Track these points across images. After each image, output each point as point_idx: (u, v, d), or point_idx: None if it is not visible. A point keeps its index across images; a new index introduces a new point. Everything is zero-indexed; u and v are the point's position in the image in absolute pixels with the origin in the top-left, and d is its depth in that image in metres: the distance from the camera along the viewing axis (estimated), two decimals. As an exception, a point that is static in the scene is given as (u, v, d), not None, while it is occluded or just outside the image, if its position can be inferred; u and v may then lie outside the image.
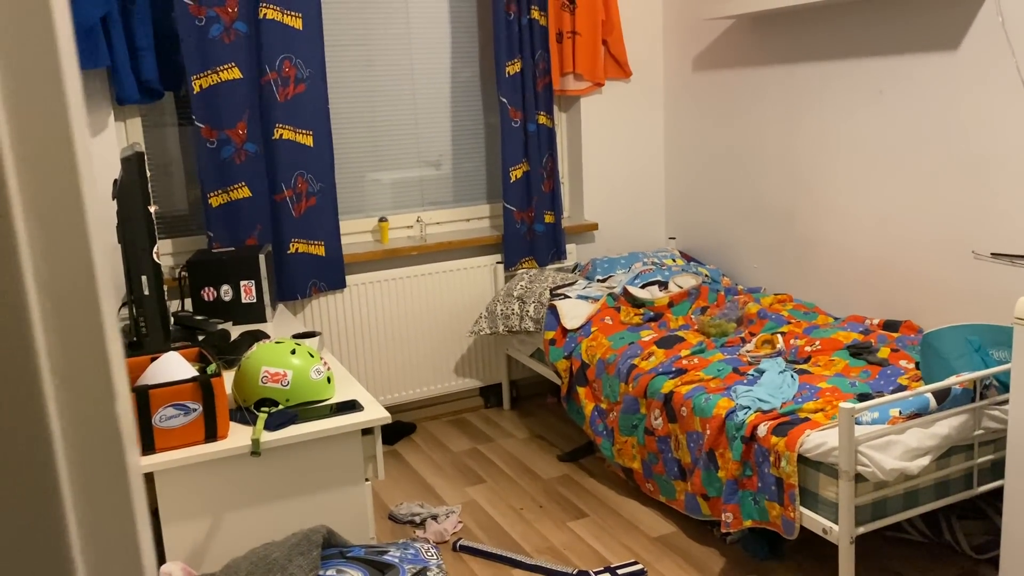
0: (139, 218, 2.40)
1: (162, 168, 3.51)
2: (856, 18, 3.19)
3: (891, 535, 2.75)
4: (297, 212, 3.46)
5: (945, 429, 2.30)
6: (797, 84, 3.49)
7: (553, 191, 3.98)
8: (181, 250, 3.55)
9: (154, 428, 1.96)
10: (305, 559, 1.55)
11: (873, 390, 2.58)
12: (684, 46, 4.07)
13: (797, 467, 2.31)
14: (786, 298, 3.52)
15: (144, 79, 3.13)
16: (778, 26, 3.53)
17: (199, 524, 2.01)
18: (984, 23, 2.74)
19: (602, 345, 3.20)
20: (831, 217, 3.42)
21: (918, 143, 3.02)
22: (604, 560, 2.73)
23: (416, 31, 3.85)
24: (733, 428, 2.51)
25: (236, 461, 2.02)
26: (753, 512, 2.45)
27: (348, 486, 2.13)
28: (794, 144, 3.55)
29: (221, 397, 2.01)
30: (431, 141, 3.97)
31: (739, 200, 3.88)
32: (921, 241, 3.06)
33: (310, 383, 2.18)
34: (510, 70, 3.79)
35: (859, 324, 3.12)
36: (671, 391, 2.78)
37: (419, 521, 3.00)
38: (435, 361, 3.91)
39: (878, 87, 3.14)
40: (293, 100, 3.38)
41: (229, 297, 2.97)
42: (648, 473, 2.94)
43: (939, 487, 2.38)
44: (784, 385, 2.66)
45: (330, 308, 3.65)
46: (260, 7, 3.26)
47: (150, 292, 2.44)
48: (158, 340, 2.49)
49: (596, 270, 3.87)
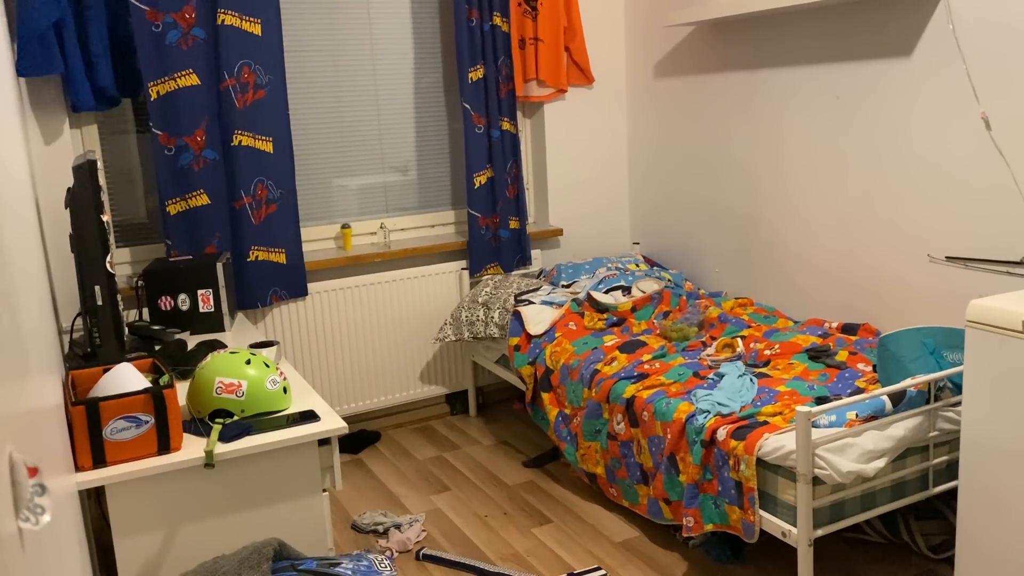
0: (92, 227, 2.36)
1: (122, 176, 3.47)
2: (814, 25, 3.23)
3: (850, 536, 2.78)
4: (257, 219, 3.43)
5: (901, 431, 2.32)
6: (757, 90, 3.52)
7: (517, 197, 3.98)
8: (140, 259, 3.51)
9: (105, 441, 1.93)
10: (255, 572, 1.53)
11: (831, 393, 2.60)
12: (646, 52, 4.09)
13: (756, 470, 2.32)
14: (747, 302, 3.54)
15: (100, 86, 3.08)
16: (738, 33, 3.56)
17: (152, 538, 1.98)
18: (936, 30, 2.78)
19: (566, 351, 3.20)
20: (791, 221, 3.45)
21: (874, 148, 3.06)
22: (568, 566, 2.73)
23: (379, 37, 3.83)
24: (693, 432, 2.52)
25: (190, 473, 1.99)
26: (714, 516, 2.46)
27: (305, 497, 2.10)
28: (755, 149, 3.58)
29: (174, 409, 1.98)
30: (395, 147, 3.96)
31: (701, 205, 3.90)
32: (878, 245, 3.10)
33: (266, 394, 2.16)
34: (473, 76, 3.79)
35: (818, 327, 3.15)
36: (633, 396, 2.79)
37: (382, 530, 2.98)
38: (400, 368, 3.89)
39: (835, 93, 3.18)
40: (252, 106, 3.35)
41: (187, 306, 2.94)
42: (611, 478, 2.94)
43: (896, 488, 2.40)
44: (743, 389, 2.67)
45: (292, 316, 3.62)
46: (218, 13, 3.23)
47: (103, 302, 2.40)
48: (112, 351, 2.44)
49: (561, 275, 3.87)
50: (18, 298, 1.05)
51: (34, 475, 0.62)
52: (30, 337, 1.28)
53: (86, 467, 1.93)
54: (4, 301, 0.76)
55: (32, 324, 1.39)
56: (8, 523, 0.48)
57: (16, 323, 0.93)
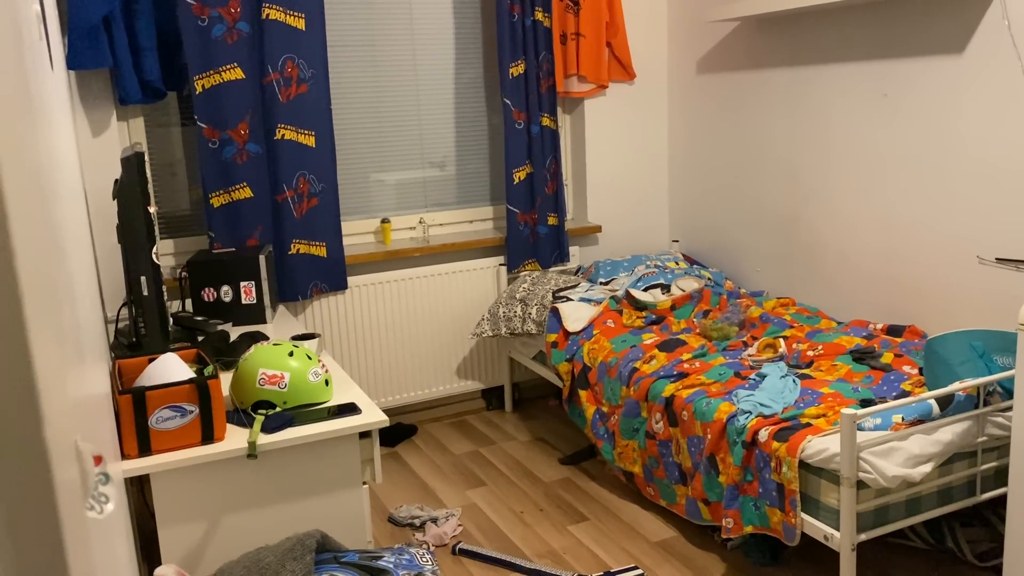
0: (138, 218, 2.39)
1: (166, 168, 3.51)
2: (861, 21, 3.17)
3: (893, 542, 2.73)
4: (299, 213, 3.45)
5: (948, 436, 2.28)
6: (802, 87, 3.46)
7: (556, 193, 3.96)
8: (183, 250, 3.55)
9: (150, 430, 1.95)
10: (298, 564, 1.53)
11: (876, 396, 2.56)
12: (688, 48, 4.05)
13: (798, 473, 2.29)
14: (789, 302, 3.49)
15: (147, 79, 3.12)
16: (783, 28, 3.51)
17: (195, 527, 2.00)
18: (990, 26, 2.71)
19: (604, 348, 3.18)
20: (835, 221, 3.40)
21: (923, 147, 3.00)
22: (604, 565, 2.71)
23: (420, 32, 3.84)
24: (734, 433, 2.49)
25: (232, 464, 2.01)
26: (754, 518, 2.43)
27: (345, 489, 2.12)
28: (798, 147, 3.53)
29: (218, 399, 2.00)
30: (435, 142, 3.96)
31: (743, 203, 3.86)
32: (926, 246, 3.04)
33: (308, 385, 2.17)
34: (514, 71, 3.78)
35: (862, 329, 3.10)
36: (672, 395, 2.76)
37: (419, 524, 2.99)
38: (437, 363, 3.90)
39: (883, 91, 3.12)
40: (295, 100, 3.37)
41: (229, 298, 2.96)
42: (649, 477, 2.92)
43: (942, 494, 2.36)
44: (786, 390, 2.64)
45: (332, 309, 3.64)
46: (263, 7, 3.26)
47: (149, 293, 2.43)
48: (157, 341, 2.48)
49: (599, 273, 3.85)
50: (75, 288, 1.07)
51: (99, 463, 0.63)
52: (84, 326, 1.30)
53: (132, 455, 1.95)
54: (65, 290, 0.77)
55: (85, 313, 1.41)
56: (78, 512, 0.48)
57: (75, 312, 0.95)
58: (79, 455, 0.58)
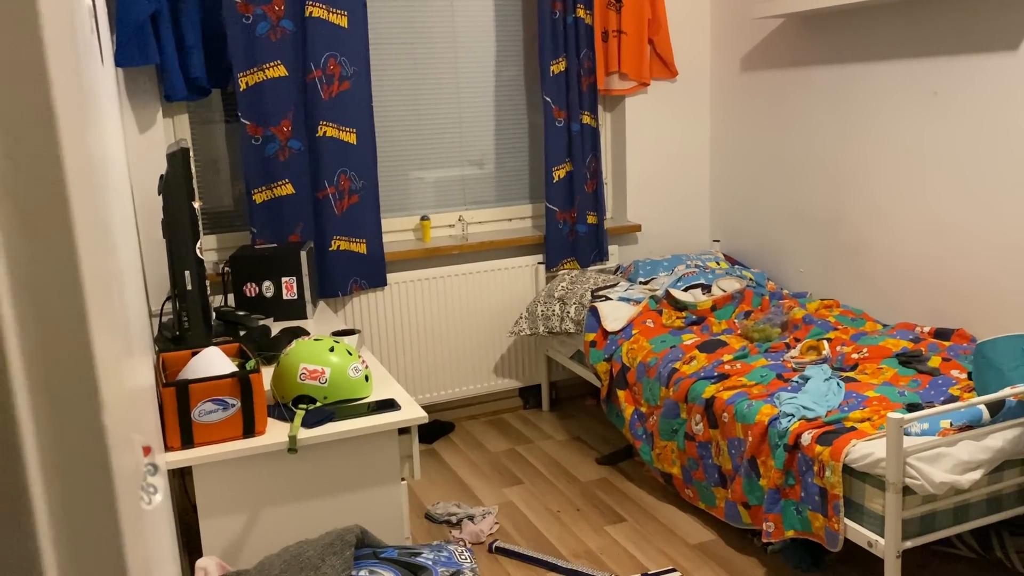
0: (183, 213, 2.42)
1: (209, 164, 3.55)
2: (910, 17, 3.10)
3: (939, 550, 2.67)
4: (339, 209, 3.47)
5: (998, 442, 2.22)
6: (848, 85, 3.40)
7: (596, 191, 3.94)
8: (225, 246, 3.59)
9: (193, 423, 1.97)
10: (338, 559, 1.54)
11: (923, 400, 2.51)
12: (732, 45, 4.00)
13: (842, 477, 2.25)
14: (833, 303, 3.44)
15: (192, 76, 3.16)
16: (829, 25, 3.46)
17: (236, 519, 2.02)
18: (1046, 22, 2.64)
19: (643, 348, 3.16)
20: (881, 221, 3.33)
21: (973, 147, 2.93)
22: (641, 566, 2.69)
23: (461, 29, 3.84)
24: (776, 436, 2.45)
25: (273, 457, 2.03)
26: (795, 522, 2.40)
27: (384, 485, 2.12)
28: (843, 146, 3.47)
29: (259, 393, 2.01)
30: (474, 140, 3.96)
31: (785, 203, 3.80)
32: (975, 247, 2.97)
33: (348, 381, 2.18)
34: (555, 69, 3.76)
35: (909, 332, 3.04)
36: (712, 396, 2.73)
37: (455, 521, 2.99)
38: (475, 361, 3.90)
39: (932, 89, 3.05)
40: (337, 98, 3.39)
41: (271, 293, 2.99)
42: (688, 479, 2.89)
43: (991, 502, 2.30)
44: (830, 393, 2.59)
45: (371, 306, 3.66)
46: (307, 5, 3.28)
47: (192, 287, 2.46)
48: (200, 335, 2.51)
49: (638, 272, 3.82)
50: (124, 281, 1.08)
51: (147, 454, 0.63)
52: (131, 319, 1.32)
53: (175, 447, 1.98)
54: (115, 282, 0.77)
55: (132, 307, 1.43)
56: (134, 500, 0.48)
57: (123, 304, 0.96)
58: (132, 444, 0.58)
